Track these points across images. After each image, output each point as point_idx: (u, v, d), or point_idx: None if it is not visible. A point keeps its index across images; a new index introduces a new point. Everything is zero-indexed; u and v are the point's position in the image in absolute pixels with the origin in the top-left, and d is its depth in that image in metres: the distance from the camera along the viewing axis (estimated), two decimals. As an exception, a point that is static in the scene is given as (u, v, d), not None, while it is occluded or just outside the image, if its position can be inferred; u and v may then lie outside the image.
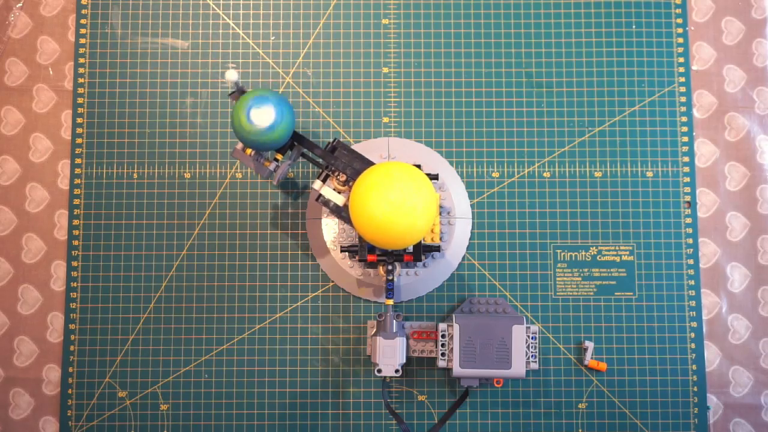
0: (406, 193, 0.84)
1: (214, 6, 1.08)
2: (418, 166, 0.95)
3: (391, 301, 0.95)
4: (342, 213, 0.93)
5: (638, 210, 1.04)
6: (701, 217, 1.05)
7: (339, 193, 0.93)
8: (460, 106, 1.06)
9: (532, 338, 0.96)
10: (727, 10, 1.08)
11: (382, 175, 0.86)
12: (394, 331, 0.95)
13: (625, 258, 1.04)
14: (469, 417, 1.02)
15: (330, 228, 1.02)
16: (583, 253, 1.04)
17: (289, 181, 1.05)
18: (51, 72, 1.07)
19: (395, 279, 0.97)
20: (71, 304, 1.03)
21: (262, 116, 0.87)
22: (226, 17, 1.08)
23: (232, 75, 0.87)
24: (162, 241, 1.04)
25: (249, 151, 0.91)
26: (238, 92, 0.90)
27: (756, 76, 1.07)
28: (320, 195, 0.93)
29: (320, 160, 0.95)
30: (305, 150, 0.95)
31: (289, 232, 1.04)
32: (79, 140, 1.05)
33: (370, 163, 0.92)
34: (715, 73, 1.07)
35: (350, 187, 0.92)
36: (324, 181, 0.93)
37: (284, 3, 1.08)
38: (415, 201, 0.84)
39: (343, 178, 0.93)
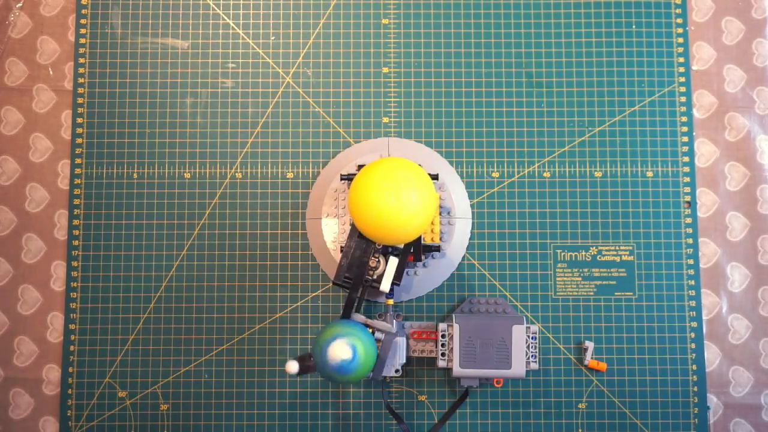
0: (406, 187, 0.85)
1: (214, 6, 1.08)
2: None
3: (391, 301, 0.95)
4: None
5: (638, 210, 1.04)
6: (701, 217, 1.05)
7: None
8: (460, 106, 1.06)
9: (532, 338, 0.96)
10: (727, 10, 1.08)
11: (382, 170, 0.86)
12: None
13: (625, 258, 1.04)
14: (469, 417, 1.01)
15: (330, 228, 1.02)
16: (583, 253, 1.04)
17: (290, 181, 1.05)
18: (51, 72, 1.07)
19: (395, 279, 0.97)
20: (71, 304, 1.03)
21: (339, 354, 0.85)
22: (226, 17, 1.08)
23: (293, 367, 0.85)
24: (162, 241, 1.04)
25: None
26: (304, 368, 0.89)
27: (756, 76, 1.07)
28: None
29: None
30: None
31: (289, 232, 1.04)
32: (79, 140, 1.05)
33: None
34: (715, 73, 1.07)
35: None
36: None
37: (284, 3, 1.08)
38: (414, 195, 0.85)
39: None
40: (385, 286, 0.92)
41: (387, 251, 0.94)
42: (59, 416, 1.02)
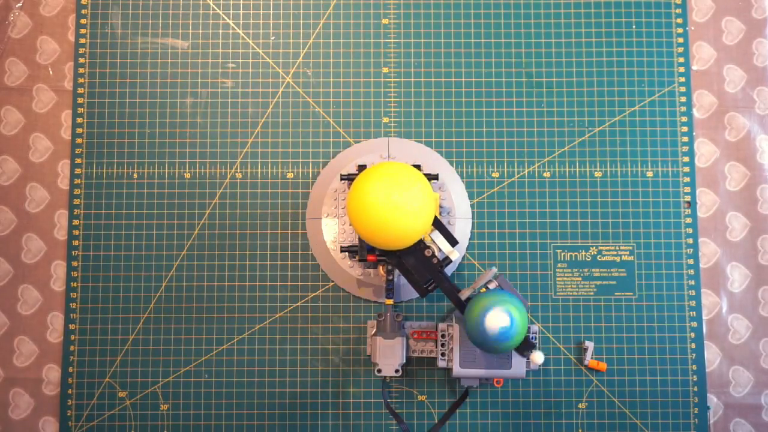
0: (404, 193, 0.84)
1: (214, 6, 1.08)
2: (418, 167, 0.95)
3: (391, 301, 0.95)
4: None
5: (638, 210, 1.04)
6: (701, 217, 1.05)
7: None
8: (460, 106, 1.06)
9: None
10: (727, 10, 1.08)
11: (380, 175, 0.86)
12: (394, 331, 0.95)
13: (625, 258, 1.04)
14: (469, 417, 1.02)
15: (330, 228, 1.02)
16: (583, 253, 1.04)
17: (290, 181, 1.05)
18: (51, 72, 1.07)
19: (395, 279, 0.97)
20: (71, 304, 1.03)
21: (496, 322, 0.86)
22: (226, 17, 1.08)
23: (539, 358, 0.88)
24: (162, 241, 1.04)
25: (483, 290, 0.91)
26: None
27: (756, 76, 1.07)
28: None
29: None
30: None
31: (289, 232, 1.04)
32: (79, 140, 1.05)
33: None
34: (715, 73, 1.07)
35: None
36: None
37: (284, 3, 1.08)
38: (413, 201, 0.85)
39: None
40: (455, 255, 0.93)
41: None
42: (59, 416, 1.02)
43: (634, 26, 1.07)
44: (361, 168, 0.99)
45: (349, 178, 1.00)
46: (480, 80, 1.06)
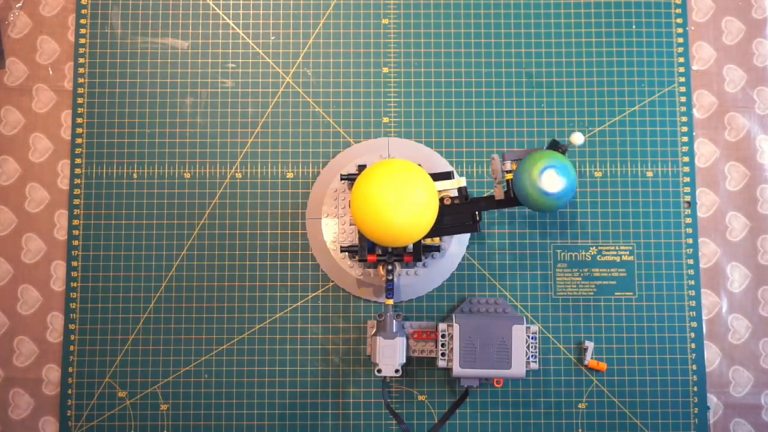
0: (408, 189, 0.85)
1: (214, 6, 1.08)
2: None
3: (391, 301, 0.95)
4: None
5: (638, 210, 1.04)
6: (701, 217, 1.05)
7: (445, 200, 0.93)
8: (460, 106, 1.06)
9: (532, 338, 0.96)
10: (727, 10, 1.08)
11: (384, 172, 0.86)
12: (394, 331, 0.95)
13: (625, 258, 1.04)
14: (469, 417, 1.02)
15: (330, 228, 1.02)
16: (583, 253, 1.04)
17: (290, 181, 1.05)
18: (51, 72, 1.07)
19: (395, 279, 0.97)
20: (71, 304, 1.03)
21: (555, 183, 0.86)
22: (226, 17, 1.08)
23: (578, 139, 0.87)
24: (162, 241, 1.04)
25: (509, 177, 0.90)
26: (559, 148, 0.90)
27: (756, 76, 1.07)
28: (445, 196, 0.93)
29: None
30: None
31: (289, 232, 1.04)
32: (79, 140, 1.05)
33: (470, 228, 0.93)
34: (715, 73, 1.07)
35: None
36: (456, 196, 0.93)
37: (284, 3, 1.08)
38: (417, 198, 0.85)
39: (450, 201, 0.93)
40: (462, 180, 0.92)
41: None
42: (59, 416, 1.02)
43: (634, 26, 1.07)
44: (361, 168, 0.99)
45: (349, 178, 1.00)
46: (480, 80, 1.06)
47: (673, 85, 1.06)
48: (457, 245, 1.02)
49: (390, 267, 0.95)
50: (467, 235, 1.03)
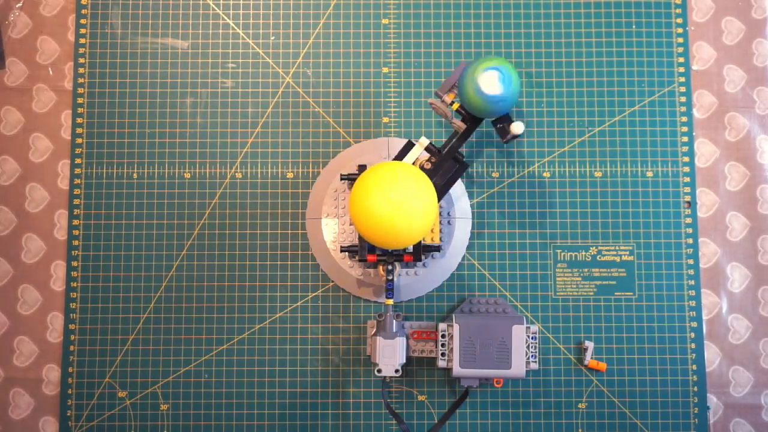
0: (407, 192, 0.84)
1: (214, 6, 1.08)
2: (418, 166, 0.95)
3: (391, 301, 0.95)
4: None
5: (638, 210, 1.04)
6: (701, 217, 1.05)
7: (420, 164, 0.94)
8: (460, 106, 1.06)
9: (532, 338, 0.96)
10: (727, 10, 1.08)
11: (383, 174, 0.86)
12: (394, 331, 0.95)
13: (625, 258, 1.04)
14: (469, 417, 1.02)
15: (330, 228, 1.02)
16: (583, 253, 1.04)
17: (290, 181, 1.05)
18: (51, 72, 1.07)
19: (395, 279, 0.97)
20: (71, 304, 1.03)
21: (496, 84, 0.86)
22: (226, 17, 1.08)
23: (518, 128, 0.88)
24: (162, 241, 1.04)
25: (456, 106, 0.91)
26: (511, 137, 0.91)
27: (756, 76, 1.07)
28: (411, 142, 0.94)
29: (454, 142, 0.95)
30: (461, 130, 0.94)
31: (289, 232, 1.04)
32: (79, 140, 1.05)
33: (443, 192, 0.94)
34: (715, 73, 1.07)
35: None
36: (426, 151, 0.94)
37: (284, 3, 1.08)
38: (416, 201, 0.84)
39: (428, 166, 0.94)
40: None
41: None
42: (59, 416, 1.02)
43: (634, 26, 1.07)
44: (362, 168, 0.99)
45: (349, 178, 1.00)
46: (480, 80, 1.06)
47: (673, 85, 1.06)
48: (457, 245, 1.03)
49: (390, 267, 0.95)
50: (467, 235, 1.03)
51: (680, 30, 1.07)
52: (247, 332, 1.03)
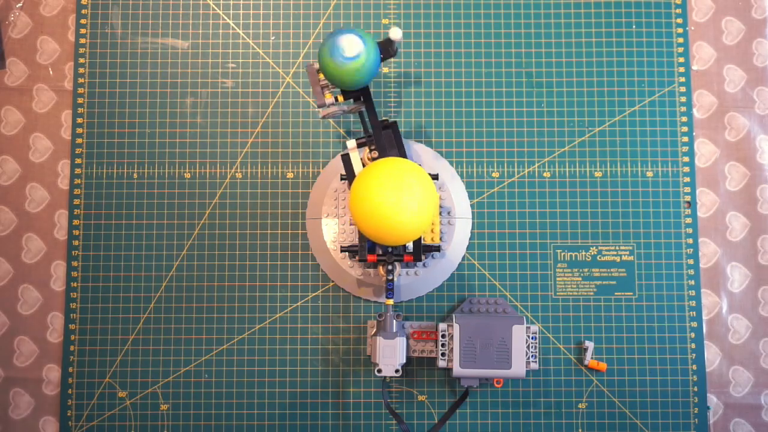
0: (407, 187, 0.84)
1: (214, 6, 1.08)
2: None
3: (391, 301, 0.95)
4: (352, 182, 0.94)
5: (638, 210, 1.04)
6: (701, 217, 1.05)
7: (363, 165, 0.94)
8: (460, 106, 1.06)
9: (532, 338, 0.96)
10: (727, 10, 1.08)
11: (383, 171, 0.86)
12: (394, 331, 0.95)
13: (625, 258, 1.04)
14: (469, 417, 1.02)
15: (330, 228, 1.02)
16: (583, 253, 1.04)
17: (290, 181, 1.05)
18: (51, 72, 1.07)
19: (395, 279, 0.97)
20: (71, 304, 1.03)
21: (352, 46, 0.84)
22: (226, 17, 1.08)
23: (396, 33, 0.84)
24: (162, 241, 1.04)
25: (321, 75, 0.89)
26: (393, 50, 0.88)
27: (756, 76, 1.07)
28: (347, 155, 0.94)
29: (369, 128, 0.95)
30: (363, 110, 0.93)
31: (289, 232, 1.04)
32: (79, 140, 1.05)
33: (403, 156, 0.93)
34: (715, 73, 1.07)
35: None
36: (360, 147, 0.95)
37: (284, 3, 1.08)
38: (415, 197, 0.84)
39: (375, 155, 0.93)
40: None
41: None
42: (59, 416, 1.02)
43: (634, 26, 1.07)
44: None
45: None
46: (480, 80, 1.06)
47: (673, 85, 1.06)
48: (457, 245, 1.03)
49: (390, 267, 0.95)
50: (467, 235, 1.03)
51: (680, 30, 1.07)
52: (247, 332, 1.03)
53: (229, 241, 1.04)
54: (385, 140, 0.94)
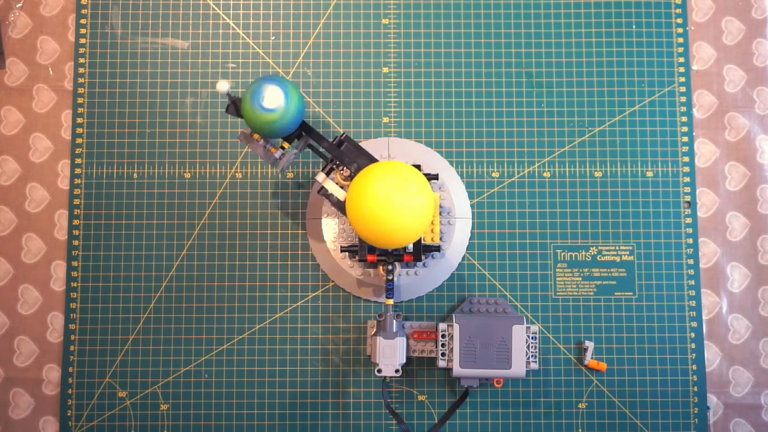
0: (403, 193, 0.84)
1: (214, 6, 1.08)
2: (418, 167, 0.95)
3: (391, 301, 0.95)
4: (343, 207, 0.93)
5: (638, 210, 1.04)
6: (701, 217, 1.05)
7: (341, 187, 0.93)
8: (460, 106, 1.06)
9: (532, 338, 0.96)
10: (727, 10, 1.08)
11: (379, 175, 0.86)
12: (394, 331, 0.95)
13: (625, 258, 1.04)
14: (469, 417, 1.02)
15: (330, 228, 1.02)
16: (583, 253, 1.04)
17: (290, 181, 1.05)
18: (51, 72, 1.07)
19: (395, 279, 0.97)
20: (71, 304, 1.03)
21: (272, 99, 0.85)
22: (226, 17, 1.08)
23: (223, 86, 0.83)
24: (162, 241, 1.04)
25: (257, 136, 0.90)
26: (233, 104, 0.88)
27: (756, 76, 1.07)
28: (323, 187, 0.93)
29: (326, 154, 0.95)
30: (312, 141, 0.94)
31: (289, 232, 1.04)
32: (79, 140, 1.05)
33: (374, 160, 0.92)
34: (715, 73, 1.07)
35: None
36: (328, 174, 0.93)
37: (284, 3, 1.08)
38: (412, 201, 0.84)
39: (347, 173, 0.93)
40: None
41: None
42: (59, 416, 1.02)
43: (634, 26, 1.07)
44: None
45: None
46: (480, 80, 1.06)
47: (673, 85, 1.06)
48: (457, 245, 1.03)
49: (390, 267, 0.95)
50: (467, 235, 1.03)
51: (680, 30, 1.07)
52: (247, 332, 1.03)
53: (229, 241, 1.04)
54: (347, 155, 0.93)
